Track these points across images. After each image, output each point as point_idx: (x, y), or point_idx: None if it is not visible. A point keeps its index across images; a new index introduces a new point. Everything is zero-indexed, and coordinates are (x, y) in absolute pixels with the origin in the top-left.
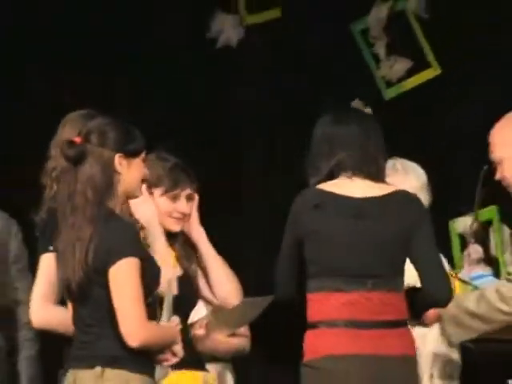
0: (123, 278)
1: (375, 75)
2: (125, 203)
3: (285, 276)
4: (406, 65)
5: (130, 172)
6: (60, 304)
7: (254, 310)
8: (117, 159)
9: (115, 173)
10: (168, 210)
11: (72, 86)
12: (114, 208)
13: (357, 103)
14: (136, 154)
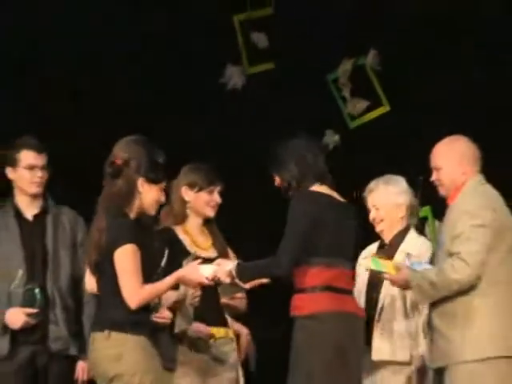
0: (123, 259)
1: (343, 111)
2: (141, 215)
3: (297, 256)
4: (365, 104)
5: (149, 194)
6: None
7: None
8: (139, 182)
9: (136, 191)
10: (206, 201)
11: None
12: (129, 213)
13: (329, 132)
14: (156, 182)
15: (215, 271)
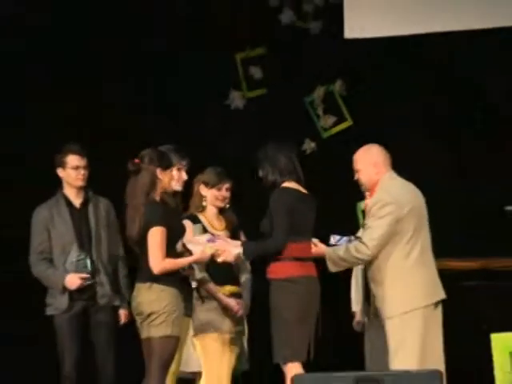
0: (153, 238)
1: (317, 125)
2: (164, 195)
3: (288, 233)
4: (333, 119)
5: (165, 178)
6: None
7: None
8: (158, 171)
9: (157, 178)
10: (216, 195)
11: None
12: (155, 197)
13: (307, 140)
14: (168, 168)
15: (217, 248)
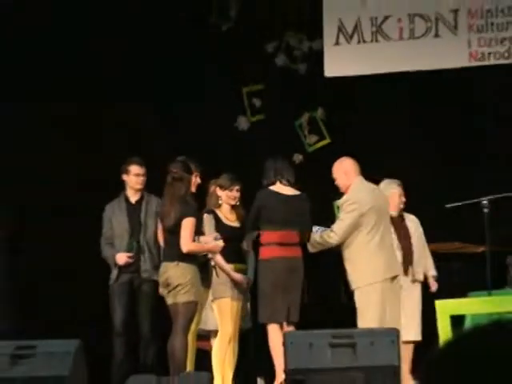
0: (187, 225)
1: (304, 142)
2: (189, 196)
3: (255, 226)
4: (316, 138)
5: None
6: None
7: None
8: (193, 178)
9: (188, 183)
10: (228, 196)
11: None
12: (187, 198)
13: (296, 154)
14: (191, 174)
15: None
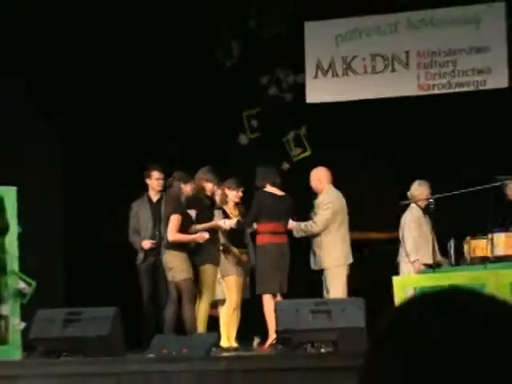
0: (171, 220)
1: (290, 154)
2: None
3: (254, 220)
4: (300, 150)
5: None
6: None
7: None
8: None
9: (179, 189)
10: (234, 195)
11: None
12: (177, 198)
13: (284, 163)
14: (187, 182)
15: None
